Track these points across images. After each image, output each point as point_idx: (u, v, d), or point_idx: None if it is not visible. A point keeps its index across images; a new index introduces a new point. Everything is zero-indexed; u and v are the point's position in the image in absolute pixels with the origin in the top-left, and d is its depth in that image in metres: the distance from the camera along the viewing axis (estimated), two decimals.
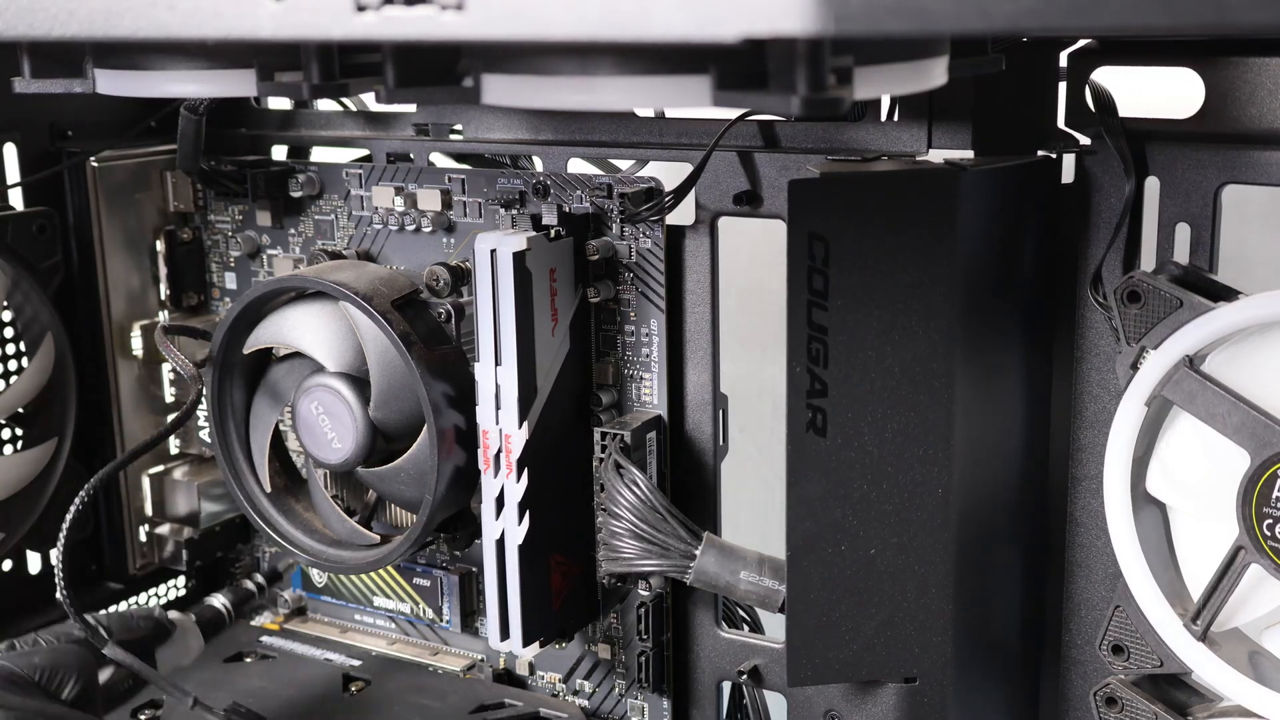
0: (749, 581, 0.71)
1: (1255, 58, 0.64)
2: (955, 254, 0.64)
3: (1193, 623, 0.64)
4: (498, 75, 0.49)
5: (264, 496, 0.84)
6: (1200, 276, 0.64)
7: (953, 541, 0.67)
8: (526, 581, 0.73)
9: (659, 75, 0.46)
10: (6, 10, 0.50)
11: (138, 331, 0.91)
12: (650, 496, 0.72)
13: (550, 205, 0.75)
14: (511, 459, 0.72)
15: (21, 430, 0.89)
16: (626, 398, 0.78)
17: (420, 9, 0.41)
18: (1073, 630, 0.74)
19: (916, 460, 0.66)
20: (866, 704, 0.75)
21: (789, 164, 0.72)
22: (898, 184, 0.66)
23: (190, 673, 0.85)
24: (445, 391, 0.74)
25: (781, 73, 0.42)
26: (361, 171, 0.84)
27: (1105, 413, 0.69)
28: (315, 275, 0.78)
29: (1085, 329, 0.70)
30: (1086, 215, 0.69)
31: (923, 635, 0.68)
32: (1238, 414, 0.61)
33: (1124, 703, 0.68)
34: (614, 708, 0.83)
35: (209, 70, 0.58)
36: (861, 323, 0.64)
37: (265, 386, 0.83)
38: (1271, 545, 0.61)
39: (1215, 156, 0.65)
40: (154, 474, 0.92)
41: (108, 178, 0.88)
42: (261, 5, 0.44)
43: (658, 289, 0.75)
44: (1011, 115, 0.70)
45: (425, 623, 0.89)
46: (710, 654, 0.80)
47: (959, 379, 0.65)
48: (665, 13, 0.38)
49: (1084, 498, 0.72)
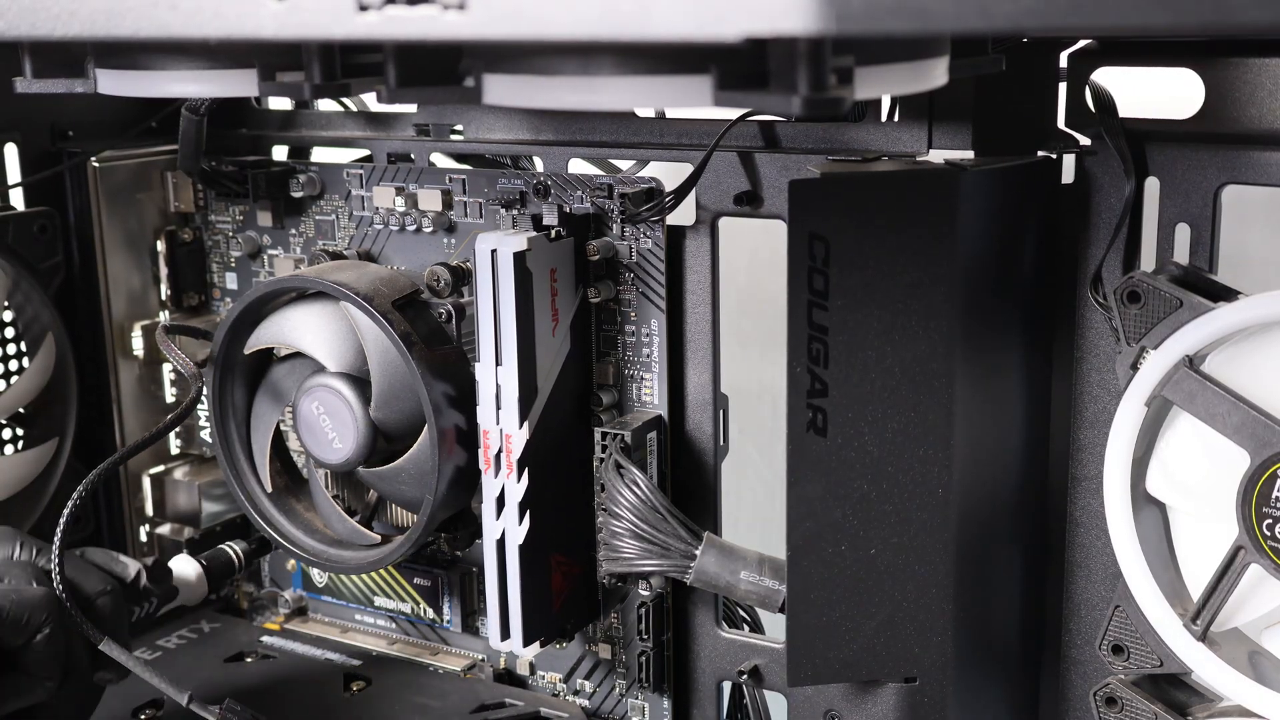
0: (749, 581, 0.72)
1: (1255, 58, 0.64)
2: (955, 254, 0.64)
3: (1193, 623, 0.64)
4: (499, 75, 0.49)
5: (265, 496, 0.84)
6: (1200, 276, 0.64)
7: (953, 541, 0.67)
8: (527, 581, 0.74)
9: (660, 75, 0.46)
10: (8, 10, 0.50)
11: (138, 331, 0.91)
12: (650, 496, 0.72)
13: (551, 205, 0.75)
14: (512, 459, 0.72)
15: (22, 430, 0.89)
16: (627, 398, 0.78)
17: (422, 9, 0.42)
18: (1073, 630, 0.74)
19: (916, 460, 0.66)
20: (866, 704, 0.75)
21: (789, 164, 0.72)
22: (898, 184, 0.66)
23: (190, 672, 0.85)
24: (446, 391, 0.74)
25: (782, 73, 0.42)
26: (362, 172, 0.84)
27: (1105, 413, 0.69)
28: (316, 275, 0.78)
29: (1085, 329, 0.70)
30: (1086, 215, 0.69)
31: (923, 635, 0.68)
32: (1238, 414, 0.61)
33: (1124, 703, 0.68)
34: (614, 708, 0.83)
35: (210, 70, 0.58)
36: (861, 323, 0.64)
37: (266, 386, 0.83)
38: (1271, 545, 0.61)
39: (1215, 156, 0.65)
40: (154, 474, 0.93)
41: (109, 178, 0.88)
42: (263, 5, 0.44)
43: (658, 289, 0.75)
44: (1011, 115, 0.70)
45: (425, 623, 0.89)
46: (710, 654, 0.80)
47: (959, 379, 0.65)
48: (666, 12, 0.38)
49: (1084, 498, 0.72)
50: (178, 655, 0.89)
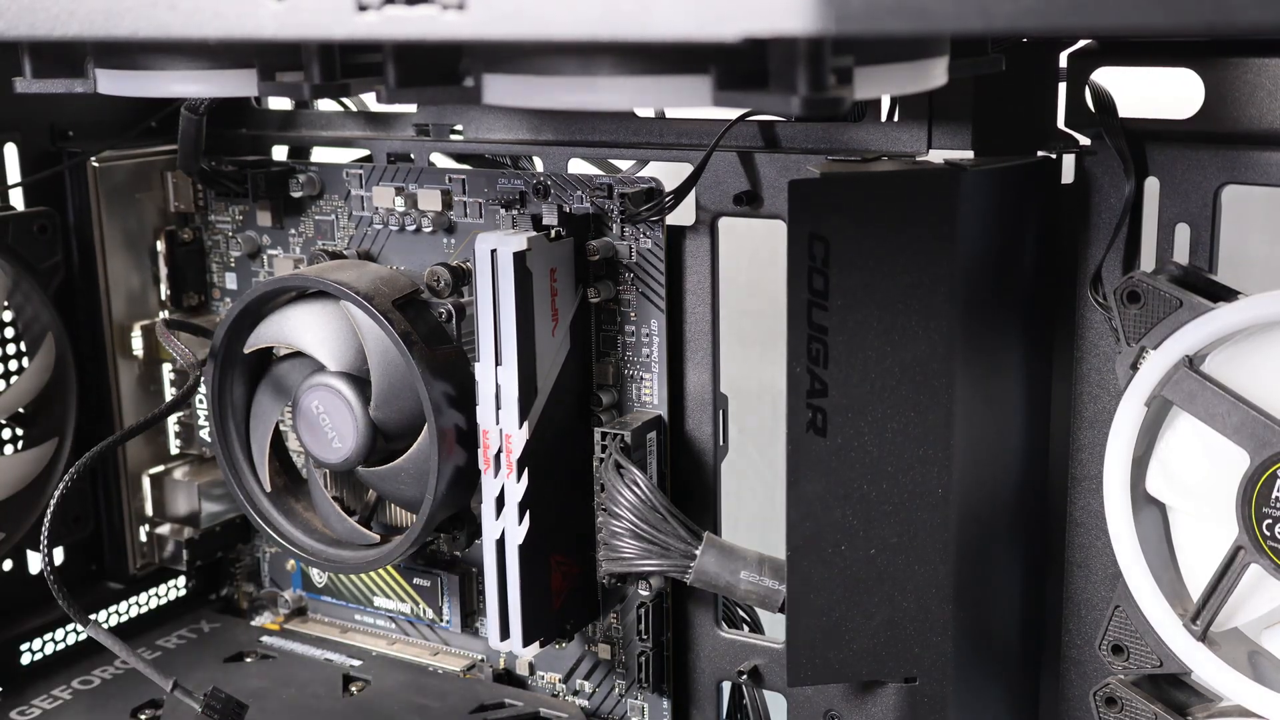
0: (749, 581, 0.72)
1: (1255, 58, 0.64)
2: (955, 254, 0.64)
3: (1192, 623, 0.64)
4: (498, 75, 0.49)
5: (264, 496, 0.84)
6: (1200, 277, 0.64)
7: (953, 542, 0.67)
8: (526, 581, 0.74)
9: (659, 75, 0.46)
10: (7, 10, 0.50)
11: (138, 331, 0.91)
12: (650, 496, 0.72)
13: (551, 205, 0.75)
14: (511, 459, 0.72)
15: (22, 430, 0.89)
16: (626, 398, 0.78)
17: (422, 8, 0.42)
18: (1073, 630, 0.74)
19: (916, 460, 0.66)
20: (866, 704, 0.75)
21: (789, 164, 0.72)
22: (898, 184, 0.66)
23: (190, 672, 0.85)
24: (446, 391, 0.74)
25: (782, 73, 0.42)
26: (362, 172, 0.84)
27: (1105, 413, 0.69)
28: (316, 274, 0.78)
29: (1085, 329, 0.70)
30: (1086, 215, 0.69)
31: (923, 635, 0.68)
32: (1237, 414, 0.61)
33: (1124, 703, 0.68)
34: (614, 708, 0.83)
35: (210, 70, 0.58)
36: (861, 323, 0.64)
37: (266, 386, 0.83)
38: (1271, 545, 0.61)
39: (1215, 157, 0.65)
40: (154, 474, 0.92)
41: (108, 178, 0.88)
42: (263, 5, 0.44)
43: (658, 289, 0.75)
44: (1011, 115, 0.70)
45: (425, 623, 0.89)
46: (710, 654, 0.80)
47: (959, 379, 0.65)
48: (666, 12, 0.38)
49: (1084, 498, 0.72)
50: (177, 655, 0.89)
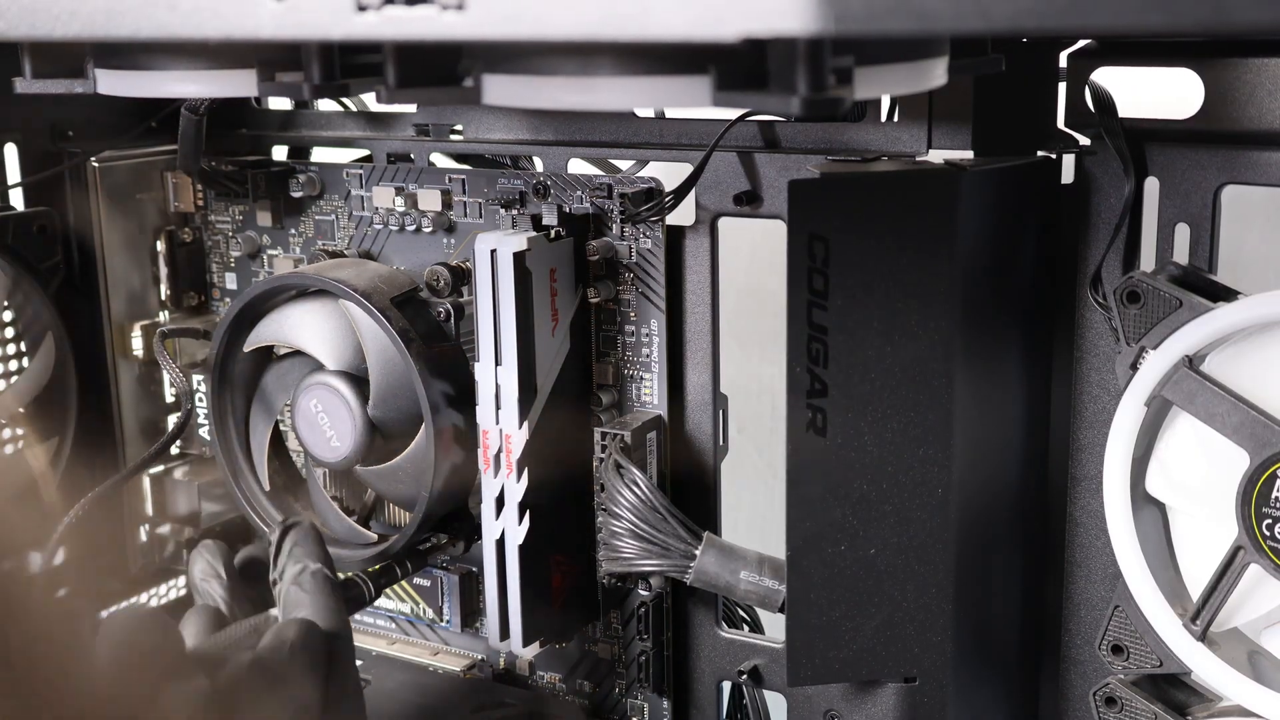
0: (749, 581, 0.72)
1: (1255, 58, 0.64)
2: (955, 254, 0.64)
3: (1192, 622, 0.64)
4: (498, 75, 0.49)
5: (263, 495, 0.84)
6: (1200, 277, 0.64)
7: (953, 541, 0.67)
8: (526, 581, 0.73)
9: (659, 75, 0.46)
10: (8, 10, 0.50)
11: (138, 332, 0.91)
12: (650, 496, 0.72)
13: (550, 205, 0.75)
14: (511, 459, 0.72)
15: (22, 430, 0.89)
16: (626, 398, 0.78)
17: (421, 9, 0.42)
18: (1073, 630, 0.74)
19: (916, 460, 0.66)
20: (866, 704, 0.75)
21: (789, 164, 0.72)
22: (897, 184, 0.66)
23: None
24: (444, 390, 0.74)
25: (782, 73, 0.42)
26: (362, 172, 0.84)
27: (1105, 413, 0.69)
28: (315, 273, 0.78)
29: (1085, 329, 0.70)
30: (1086, 216, 0.69)
31: (923, 635, 0.68)
32: (1237, 414, 0.61)
33: (1123, 703, 0.68)
34: (614, 708, 0.83)
35: (210, 70, 0.58)
36: (861, 323, 0.64)
37: (265, 385, 0.83)
38: (1271, 545, 0.61)
39: (1215, 156, 0.65)
40: (154, 474, 0.92)
41: (108, 178, 0.88)
42: (262, 5, 0.44)
43: (658, 289, 0.75)
44: (1011, 115, 0.70)
45: (425, 623, 0.89)
46: (710, 654, 0.80)
47: (959, 379, 0.65)
48: (665, 13, 0.38)
49: (1084, 498, 0.72)
50: None
